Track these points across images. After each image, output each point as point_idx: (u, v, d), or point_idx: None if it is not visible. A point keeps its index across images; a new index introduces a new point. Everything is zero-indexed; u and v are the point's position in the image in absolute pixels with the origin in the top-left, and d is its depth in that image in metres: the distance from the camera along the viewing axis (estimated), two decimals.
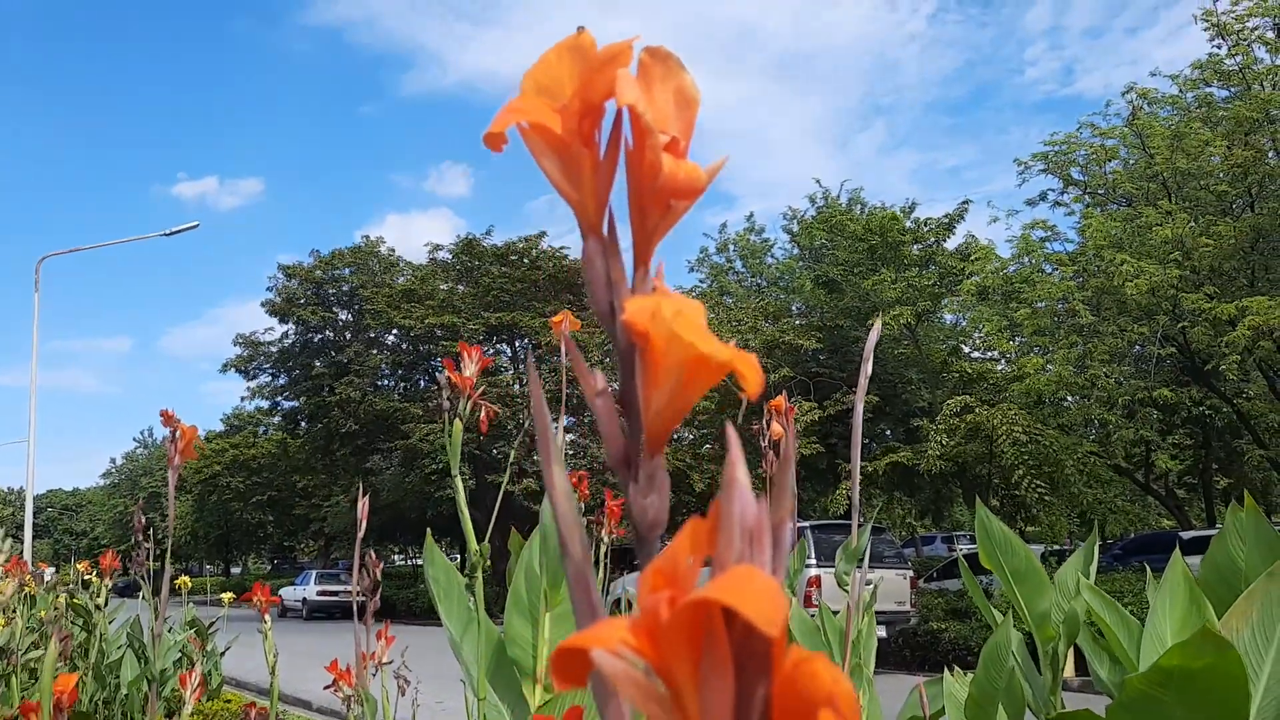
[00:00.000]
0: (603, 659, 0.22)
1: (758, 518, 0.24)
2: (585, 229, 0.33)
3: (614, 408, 0.31)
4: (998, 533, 2.03)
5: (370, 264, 28.02)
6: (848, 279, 19.49)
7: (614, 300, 0.32)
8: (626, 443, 0.30)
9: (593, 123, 0.32)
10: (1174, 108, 16.54)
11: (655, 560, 0.24)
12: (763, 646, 0.22)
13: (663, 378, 0.29)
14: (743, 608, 0.21)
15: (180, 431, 1.96)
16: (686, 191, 0.31)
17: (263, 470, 35.30)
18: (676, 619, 0.22)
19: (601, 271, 0.33)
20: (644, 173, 0.31)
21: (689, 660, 0.22)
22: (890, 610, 12.52)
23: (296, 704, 9.38)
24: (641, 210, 0.32)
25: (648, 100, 0.31)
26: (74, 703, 1.64)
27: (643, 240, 0.32)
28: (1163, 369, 15.72)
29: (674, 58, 0.32)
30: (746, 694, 0.22)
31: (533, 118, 0.32)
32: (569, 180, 0.33)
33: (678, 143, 0.32)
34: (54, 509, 64.68)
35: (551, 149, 0.33)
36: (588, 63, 0.32)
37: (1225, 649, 1.30)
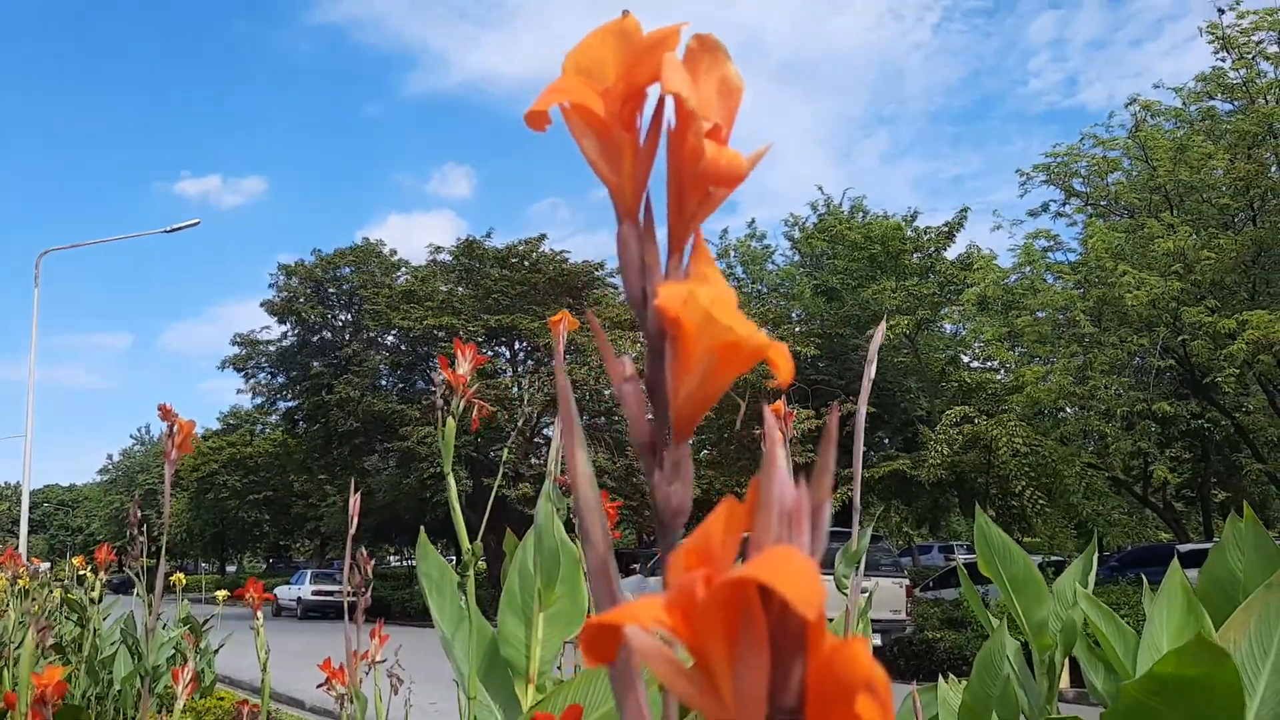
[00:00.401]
0: (636, 635, 0.22)
1: (797, 499, 0.24)
2: (621, 213, 0.33)
3: (642, 394, 0.31)
4: (997, 540, 2.03)
5: (370, 264, 28.02)
6: (848, 287, 19.51)
7: (647, 285, 0.32)
8: (653, 429, 0.30)
9: (635, 107, 0.33)
10: (1177, 120, 16.57)
11: (688, 540, 0.24)
12: (799, 628, 0.22)
13: (693, 363, 0.28)
14: (782, 587, 0.21)
15: (178, 426, 1.95)
16: (727, 178, 0.31)
17: (260, 469, 35.28)
18: (713, 597, 0.22)
19: (636, 256, 0.32)
20: (685, 158, 0.31)
21: (724, 640, 0.22)
22: (886, 619, 12.51)
23: (290, 703, 9.36)
24: (680, 196, 0.32)
25: (693, 87, 0.31)
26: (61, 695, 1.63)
27: (679, 226, 0.32)
28: (1162, 381, 15.73)
29: (721, 47, 0.32)
30: (782, 675, 0.22)
31: (575, 98, 0.32)
32: (608, 163, 0.33)
33: (720, 130, 0.32)
34: (50, 504, 64.60)
35: (593, 130, 0.33)
36: (633, 46, 0.32)
37: (1221, 658, 1.30)
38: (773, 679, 0.22)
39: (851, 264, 19.58)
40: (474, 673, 1.65)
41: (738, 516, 0.24)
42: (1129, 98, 16.90)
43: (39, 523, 60.11)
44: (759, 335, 0.27)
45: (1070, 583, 2.06)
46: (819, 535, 0.24)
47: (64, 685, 1.71)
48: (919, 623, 12.93)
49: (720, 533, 0.24)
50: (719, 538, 0.24)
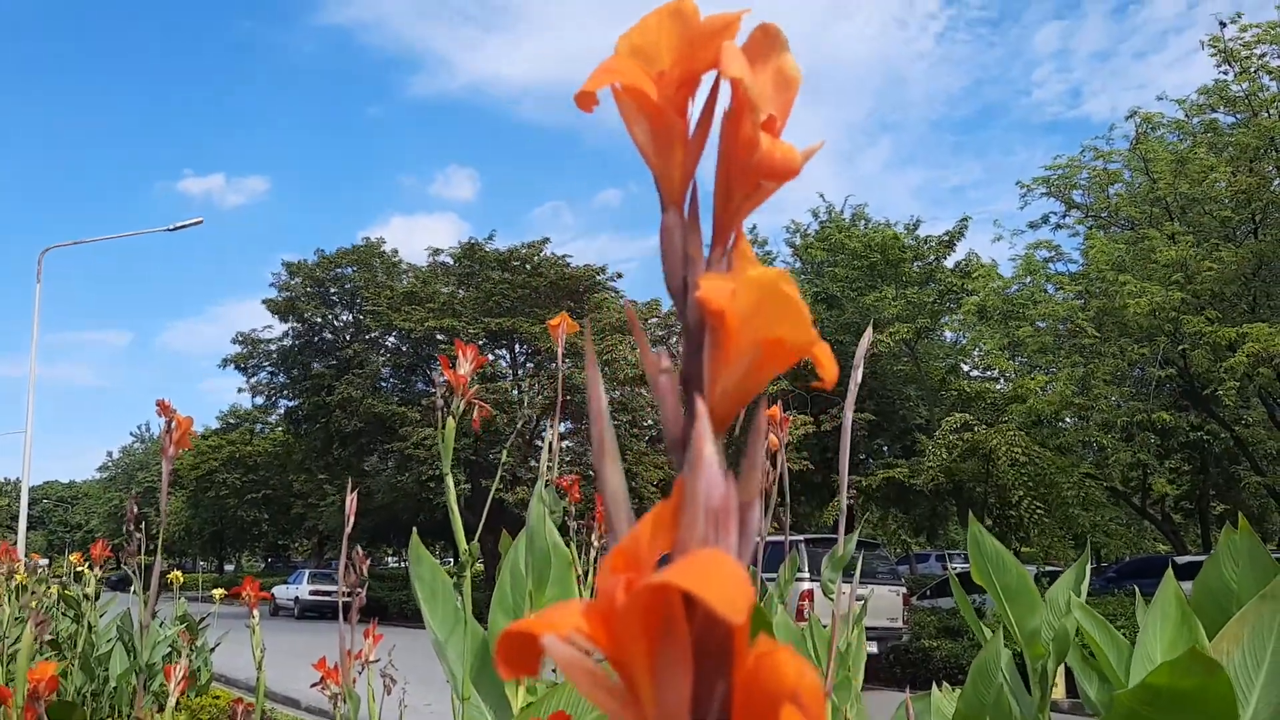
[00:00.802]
0: (553, 645, 0.21)
1: (724, 498, 0.23)
2: (667, 200, 0.32)
3: (677, 387, 0.30)
4: (990, 549, 2.02)
5: (373, 264, 28.02)
6: (848, 295, 19.51)
7: (688, 276, 0.31)
8: (686, 424, 0.29)
9: (689, 92, 0.32)
10: (1180, 132, 16.56)
11: (619, 542, 0.23)
12: (725, 636, 0.21)
13: (734, 358, 0.27)
14: (704, 593, 0.20)
15: (176, 422, 1.95)
16: (780, 172, 0.30)
17: (259, 468, 35.28)
18: (632, 604, 0.21)
19: (679, 246, 0.31)
20: (739, 148, 0.30)
21: (645, 649, 0.21)
22: (882, 626, 12.48)
23: (285, 703, 9.35)
24: (728, 186, 0.31)
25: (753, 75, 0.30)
26: (53, 691, 1.62)
27: (724, 218, 0.31)
28: (1162, 392, 15.72)
29: (781, 37, 0.32)
30: (706, 686, 0.21)
31: (628, 80, 0.31)
32: (658, 149, 0.32)
33: (774, 122, 0.31)
34: (50, 501, 64.61)
35: (645, 115, 0.32)
36: (691, 31, 0.31)
37: (1214, 669, 1.29)
38: (696, 691, 0.21)
39: (852, 272, 19.58)
40: (466, 675, 1.64)
41: (666, 517, 0.23)
42: (1130, 110, 16.92)
43: (38, 519, 60.12)
44: (810, 332, 0.26)
45: (1063, 591, 2.05)
46: (748, 536, 0.23)
47: (56, 680, 1.70)
48: (915, 631, 12.90)
49: (648, 536, 0.22)
50: (647, 541, 0.22)
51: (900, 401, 19.74)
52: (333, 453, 27.02)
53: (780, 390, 17.78)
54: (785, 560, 2.45)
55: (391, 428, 24.32)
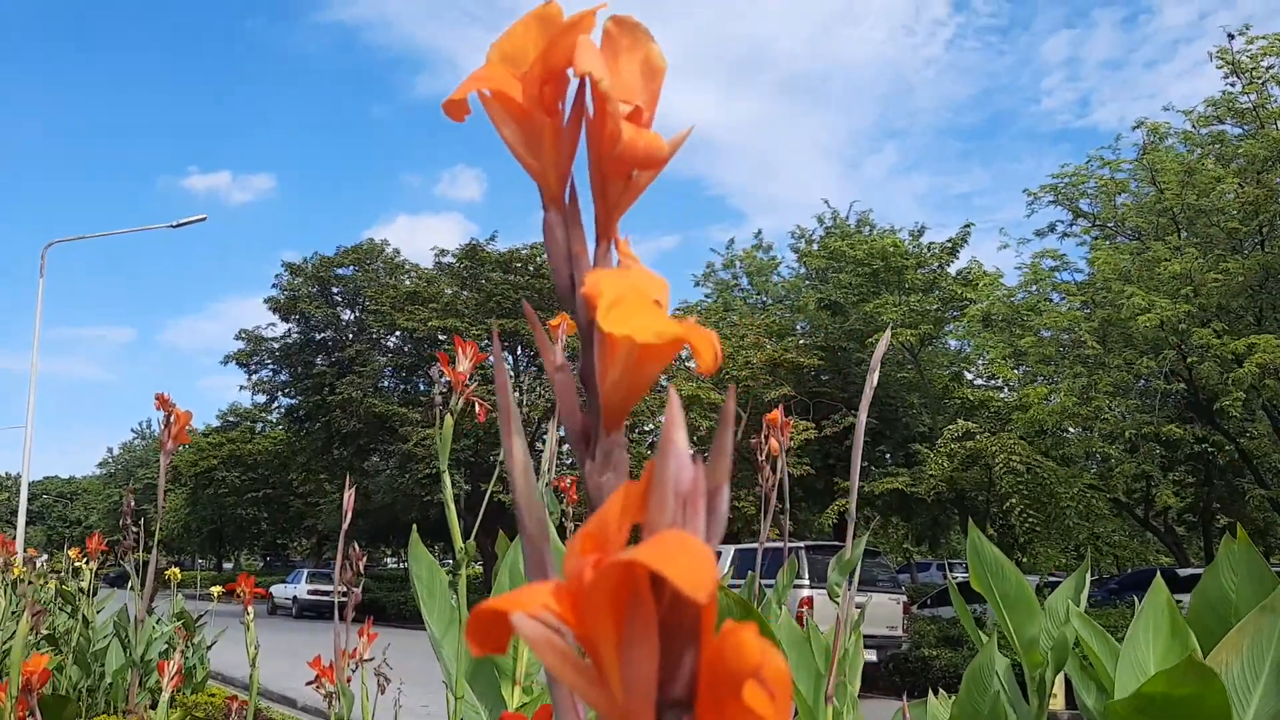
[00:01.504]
0: (523, 623, 0.21)
1: (693, 481, 0.23)
2: (546, 200, 0.32)
3: (573, 383, 0.31)
4: (990, 556, 2.02)
5: (374, 264, 28.06)
6: (851, 302, 19.52)
7: (574, 273, 0.31)
8: (585, 419, 0.30)
9: (555, 90, 0.32)
10: (1187, 143, 16.57)
11: (586, 524, 0.23)
12: (691, 615, 0.21)
13: (618, 353, 0.28)
14: (669, 572, 0.20)
15: (175, 416, 1.95)
16: (648, 161, 0.30)
17: (259, 467, 35.29)
18: (599, 582, 0.21)
19: (563, 244, 0.32)
20: (604, 141, 0.31)
21: (612, 628, 0.21)
22: (882, 635, 12.46)
23: (281, 701, 9.34)
24: (603, 181, 0.31)
25: (611, 68, 0.31)
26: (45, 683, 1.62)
27: (605, 213, 0.31)
28: (1167, 404, 15.70)
29: (641, 28, 0.32)
30: (672, 664, 0.21)
31: (494, 85, 0.32)
32: (529, 149, 0.32)
33: (641, 112, 0.31)
34: (49, 496, 64.71)
35: (512, 117, 0.32)
36: (553, 29, 0.32)
37: (1210, 678, 1.29)
38: (663, 668, 0.21)
39: (855, 279, 19.59)
40: (460, 672, 1.64)
41: (634, 500, 0.23)
42: (1137, 120, 16.92)
43: (37, 514, 60.20)
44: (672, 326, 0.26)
45: (1062, 600, 2.05)
46: (716, 520, 0.23)
47: (49, 673, 1.70)
48: (915, 639, 12.88)
49: (616, 517, 0.23)
50: (615, 522, 0.23)
51: (903, 409, 19.73)
52: (333, 452, 27.04)
53: (784, 396, 17.79)
54: (784, 565, 2.45)
55: (392, 428, 24.34)
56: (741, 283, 25.10)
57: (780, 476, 2.41)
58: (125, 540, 2.20)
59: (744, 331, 19.92)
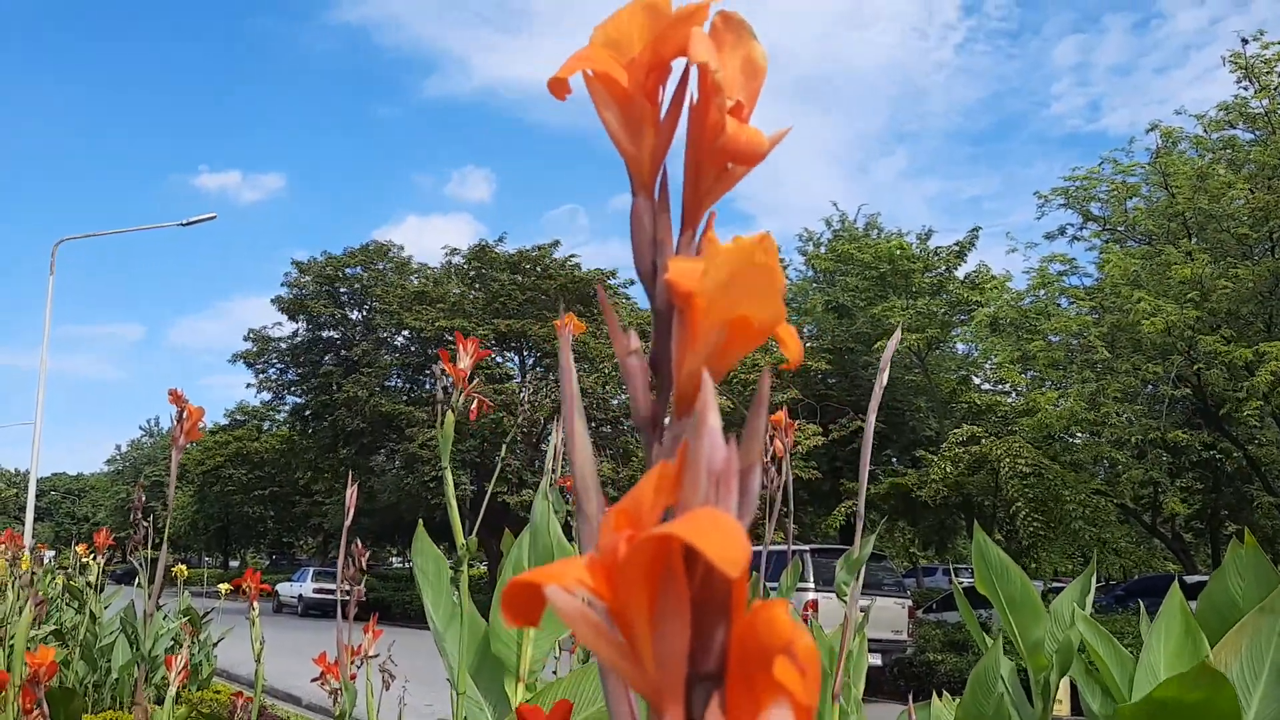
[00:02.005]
0: (556, 596, 0.22)
1: (726, 461, 0.23)
2: (637, 186, 0.33)
3: (646, 368, 0.31)
4: (995, 559, 2.02)
5: (382, 264, 28.13)
6: (858, 305, 19.50)
7: (658, 259, 0.32)
8: (655, 405, 0.30)
9: (658, 78, 0.33)
10: (1199, 148, 16.52)
11: (620, 502, 0.23)
12: (723, 591, 0.21)
13: (701, 338, 0.28)
14: (703, 546, 0.20)
15: (187, 411, 1.96)
16: (747, 155, 0.31)
17: (265, 465, 35.35)
18: (634, 556, 0.21)
19: (649, 230, 0.33)
20: (706, 132, 0.31)
21: (645, 602, 0.22)
22: (886, 639, 12.44)
23: (286, 699, 9.36)
24: (697, 171, 0.32)
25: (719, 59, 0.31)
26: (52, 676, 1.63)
27: (694, 202, 0.32)
28: (1175, 410, 15.65)
29: (747, 25, 0.33)
30: (704, 638, 0.22)
31: (600, 67, 0.33)
32: (628, 134, 0.33)
33: (742, 107, 0.32)
34: (57, 493, 64.89)
35: (615, 100, 0.33)
36: (660, 19, 0.32)
37: (1220, 683, 1.28)
38: (694, 642, 0.22)
39: (862, 282, 19.56)
40: (464, 668, 1.65)
41: (669, 479, 0.24)
42: (1149, 124, 16.88)
43: (45, 510, 60.37)
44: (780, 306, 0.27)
45: (1068, 604, 2.05)
46: (748, 498, 0.24)
47: (55, 666, 1.71)
48: (920, 644, 12.86)
49: (650, 495, 0.23)
50: (649, 500, 0.23)
51: (910, 413, 19.70)
52: (339, 451, 27.08)
53: (789, 399, 17.78)
54: (788, 568, 2.45)
55: (398, 427, 24.37)
56: None
57: (785, 479, 2.41)
58: (135, 535, 2.21)
59: None
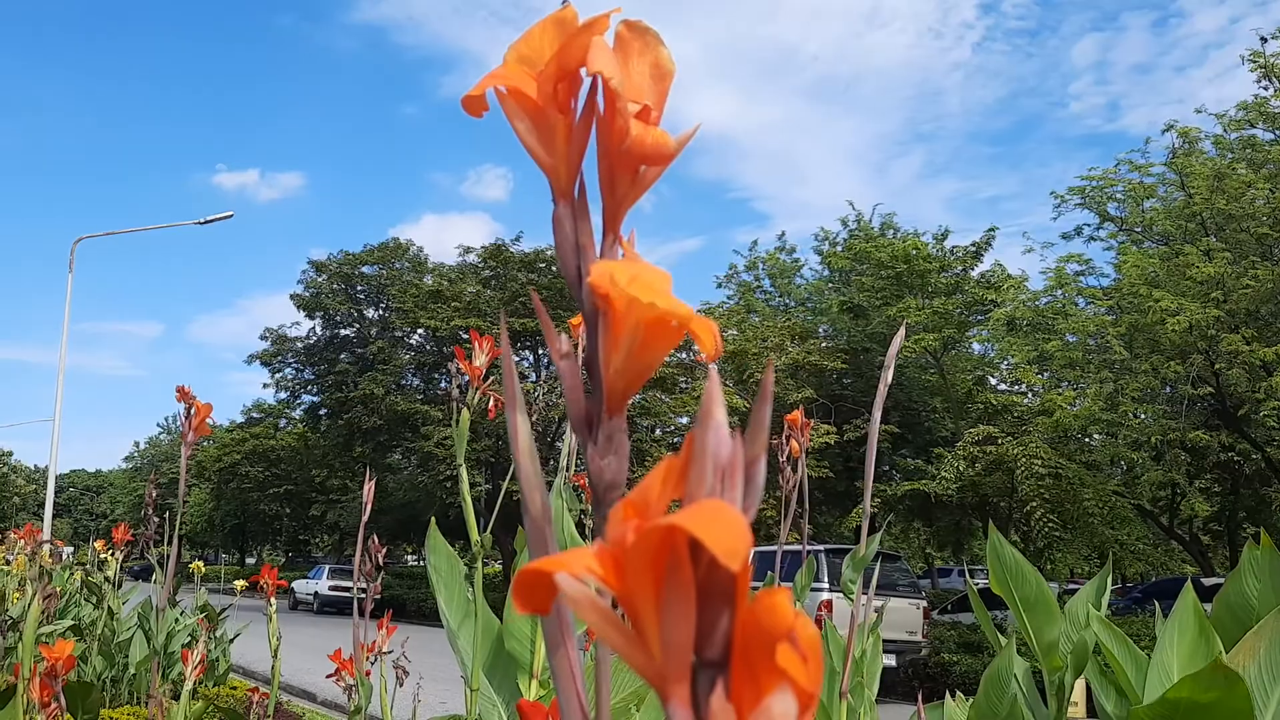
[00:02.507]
0: (566, 583, 0.22)
1: (732, 454, 0.24)
2: (557, 194, 0.34)
3: (578, 369, 0.32)
4: (1009, 559, 2.02)
5: (399, 262, 28.23)
6: (873, 305, 19.46)
7: (581, 264, 0.33)
8: (588, 403, 0.31)
9: (568, 89, 0.33)
10: (1217, 147, 16.41)
11: (629, 495, 0.24)
12: (726, 580, 0.22)
13: (623, 338, 0.29)
14: (705, 537, 0.21)
15: (195, 408, 1.98)
16: (655, 157, 0.32)
17: (281, 462, 35.52)
18: (640, 545, 0.22)
19: (570, 236, 0.33)
20: (614, 137, 0.32)
21: (652, 589, 0.22)
22: (901, 640, 12.40)
23: (302, 696, 9.40)
24: (611, 176, 0.33)
25: (623, 69, 0.32)
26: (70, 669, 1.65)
27: (612, 207, 0.33)
28: (1194, 411, 15.55)
29: (652, 32, 0.33)
30: (708, 625, 0.22)
31: (510, 82, 0.34)
32: (542, 144, 0.34)
33: (649, 111, 0.32)
34: (76, 489, 65.40)
35: (526, 113, 0.34)
36: (567, 32, 0.33)
37: (1235, 683, 1.28)
38: (699, 630, 0.22)
39: (878, 282, 19.52)
40: (477, 665, 1.65)
41: (676, 472, 0.24)
42: (1166, 124, 16.78)
43: (64, 507, 60.84)
44: (681, 308, 0.28)
45: (1083, 604, 2.04)
46: (753, 491, 0.24)
47: (73, 659, 1.73)
48: (935, 645, 12.82)
49: (658, 487, 0.24)
50: (656, 492, 0.24)
51: (926, 413, 19.64)
52: (354, 449, 27.18)
53: (804, 399, 17.76)
54: (802, 567, 2.45)
55: (414, 426, 24.45)
56: (764, 285, 25.07)
57: (800, 479, 2.41)
58: (147, 530, 2.23)
59: (766, 333, 19.90)
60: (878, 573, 2.39)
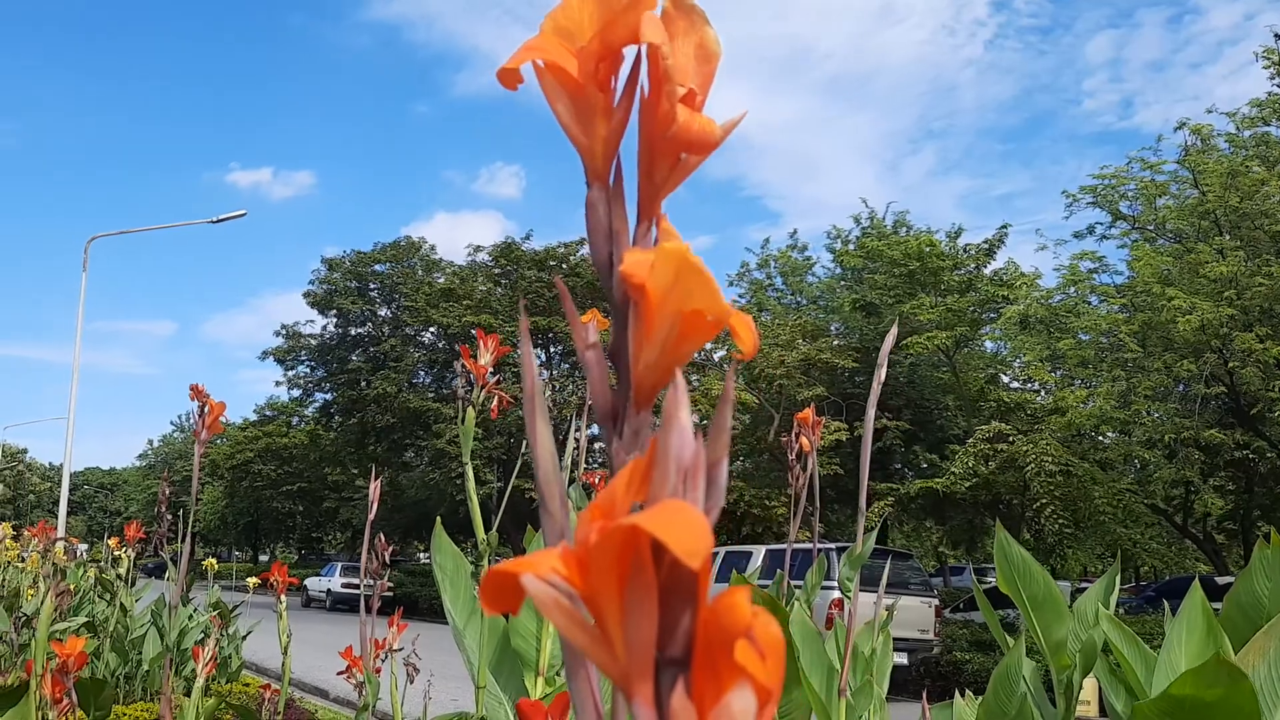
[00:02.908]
0: (532, 584, 0.23)
1: (695, 456, 0.24)
2: (591, 176, 0.33)
3: (604, 361, 0.31)
4: (1017, 557, 2.01)
5: (410, 260, 28.30)
6: (886, 303, 19.42)
7: (614, 251, 0.31)
8: (615, 398, 0.30)
9: (610, 67, 0.32)
10: (1231, 145, 16.31)
11: (596, 496, 0.24)
12: (688, 580, 0.22)
13: (656, 331, 0.28)
14: (665, 537, 0.21)
15: (209, 406, 1.99)
16: (699, 144, 0.31)
17: (294, 460, 35.64)
18: (602, 545, 0.22)
19: (604, 221, 0.32)
20: (658, 121, 0.31)
21: (615, 590, 0.23)
22: (913, 638, 12.37)
23: (314, 693, 9.43)
24: (651, 161, 0.31)
25: (670, 43, 0.31)
26: (82, 666, 1.66)
27: (649, 193, 0.31)
28: (1208, 409, 15.47)
29: (699, 10, 0.32)
30: (670, 626, 0.23)
31: (549, 57, 0.32)
32: (580, 124, 0.32)
33: (694, 95, 0.31)
34: (90, 487, 65.73)
35: (566, 91, 0.32)
36: (611, 5, 0.32)
37: (1239, 680, 1.28)
38: (662, 629, 0.23)
39: (890, 280, 19.48)
40: (483, 663, 1.66)
41: (641, 474, 0.24)
42: (1178, 122, 16.69)
43: (78, 504, 61.19)
44: (723, 303, 0.27)
45: (1092, 603, 2.03)
46: (715, 492, 0.25)
47: (85, 656, 1.75)
48: (947, 644, 12.79)
49: (623, 488, 0.24)
50: (622, 493, 0.24)
51: (938, 411, 19.59)
52: (367, 447, 27.27)
53: (815, 396, 17.74)
54: (813, 565, 2.44)
55: (426, 423, 24.51)
56: (776, 282, 25.04)
57: (810, 475, 2.40)
58: (159, 528, 2.25)
59: (778, 331, 19.88)
60: (888, 571, 2.38)
